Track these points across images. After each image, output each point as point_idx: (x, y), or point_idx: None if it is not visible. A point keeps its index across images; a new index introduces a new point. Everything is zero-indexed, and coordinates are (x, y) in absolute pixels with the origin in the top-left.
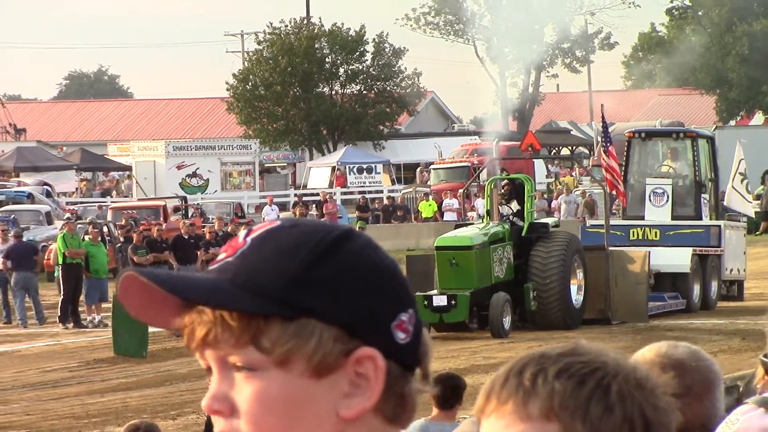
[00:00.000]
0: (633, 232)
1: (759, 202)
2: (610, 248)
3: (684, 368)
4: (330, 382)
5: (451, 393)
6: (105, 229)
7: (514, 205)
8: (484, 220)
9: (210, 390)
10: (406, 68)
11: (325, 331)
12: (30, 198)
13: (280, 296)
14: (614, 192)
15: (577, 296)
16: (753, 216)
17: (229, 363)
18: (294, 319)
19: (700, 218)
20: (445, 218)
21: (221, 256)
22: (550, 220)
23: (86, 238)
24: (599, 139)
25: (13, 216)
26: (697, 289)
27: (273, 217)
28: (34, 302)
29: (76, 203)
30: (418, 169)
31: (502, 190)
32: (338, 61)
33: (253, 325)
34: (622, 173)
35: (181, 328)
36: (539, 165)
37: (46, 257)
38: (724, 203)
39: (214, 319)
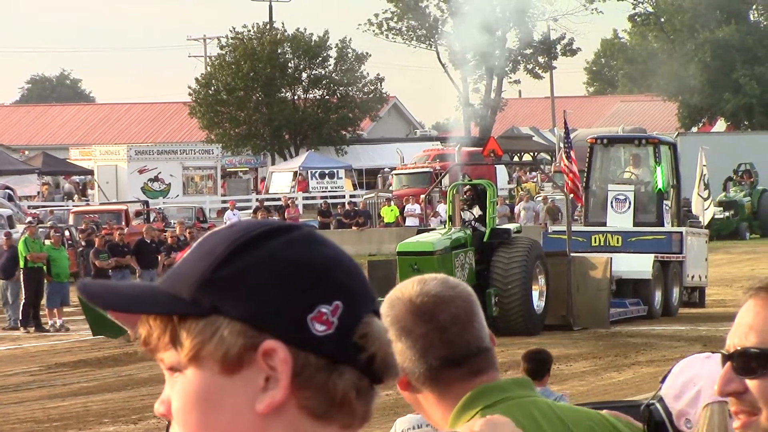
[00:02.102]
0: (595, 238)
1: (720, 208)
2: (572, 254)
3: (444, 300)
4: (243, 378)
5: (539, 366)
6: (66, 233)
7: (476, 211)
8: (446, 225)
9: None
10: (368, 74)
11: (228, 327)
12: None
13: (191, 297)
14: (572, 195)
15: (538, 302)
16: (704, 225)
17: (167, 366)
18: (204, 317)
19: (662, 225)
20: (407, 224)
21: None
22: (512, 226)
23: (47, 242)
24: (561, 145)
25: None
26: (658, 295)
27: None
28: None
29: (37, 207)
30: (379, 175)
31: (465, 196)
32: (301, 66)
33: (170, 326)
34: (584, 179)
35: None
36: (501, 171)
37: None
38: (693, 211)
39: (146, 324)
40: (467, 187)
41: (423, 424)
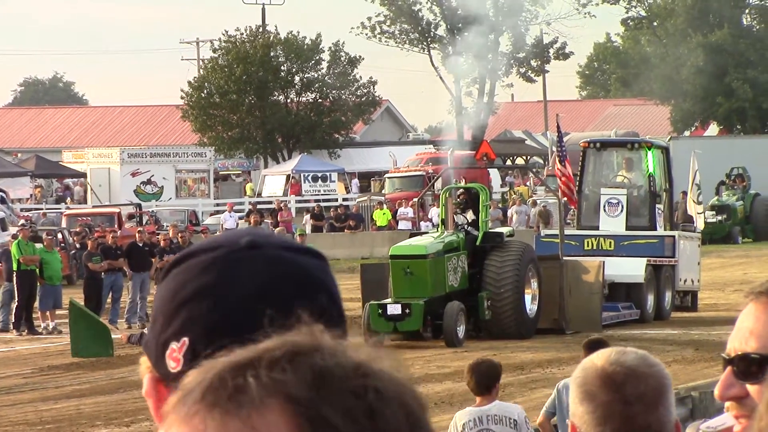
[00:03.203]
0: (587, 242)
1: (713, 212)
2: (565, 258)
3: (636, 375)
4: None
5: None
6: (59, 235)
7: (470, 215)
8: (439, 229)
9: None
10: (361, 77)
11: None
12: None
13: None
14: (565, 199)
15: (531, 306)
16: (701, 229)
17: None
18: None
19: (655, 228)
20: (399, 227)
21: None
22: (504, 230)
23: (38, 245)
24: (554, 149)
25: None
26: (651, 299)
27: (231, 224)
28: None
29: (30, 210)
30: (373, 178)
31: (458, 199)
32: (294, 70)
33: None
34: (577, 183)
35: None
36: (494, 174)
37: None
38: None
39: None
40: (461, 190)
41: (483, 416)
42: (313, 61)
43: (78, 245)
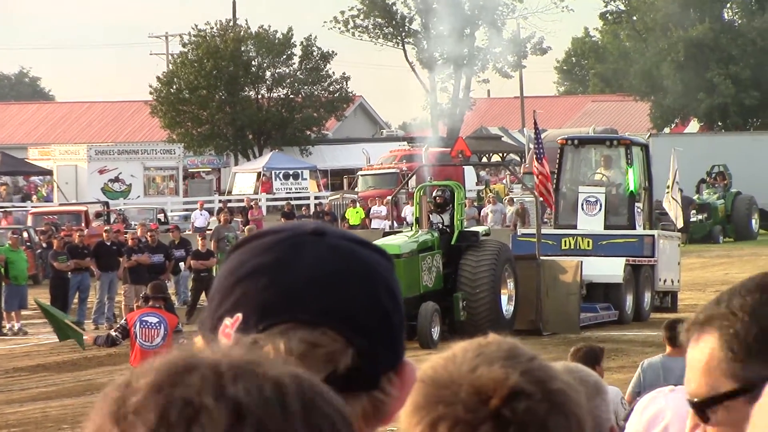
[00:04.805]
0: (565, 241)
1: (693, 211)
2: (542, 258)
3: None
4: None
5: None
6: (25, 234)
7: (447, 217)
8: (413, 227)
9: None
10: (334, 72)
11: None
12: None
13: None
14: (541, 198)
15: (507, 306)
16: (677, 228)
17: None
18: None
19: (634, 228)
20: (373, 226)
21: None
22: (480, 229)
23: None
24: (531, 146)
25: None
26: (630, 300)
27: (202, 222)
28: None
29: None
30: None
31: (435, 200)
32: (265, 65)
33: None
34: (554, 181)
35: None
36: (469, 172)
37: None
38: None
39: None
40: (437, 191)
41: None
42: (284, 56)
43: (44, 244)
